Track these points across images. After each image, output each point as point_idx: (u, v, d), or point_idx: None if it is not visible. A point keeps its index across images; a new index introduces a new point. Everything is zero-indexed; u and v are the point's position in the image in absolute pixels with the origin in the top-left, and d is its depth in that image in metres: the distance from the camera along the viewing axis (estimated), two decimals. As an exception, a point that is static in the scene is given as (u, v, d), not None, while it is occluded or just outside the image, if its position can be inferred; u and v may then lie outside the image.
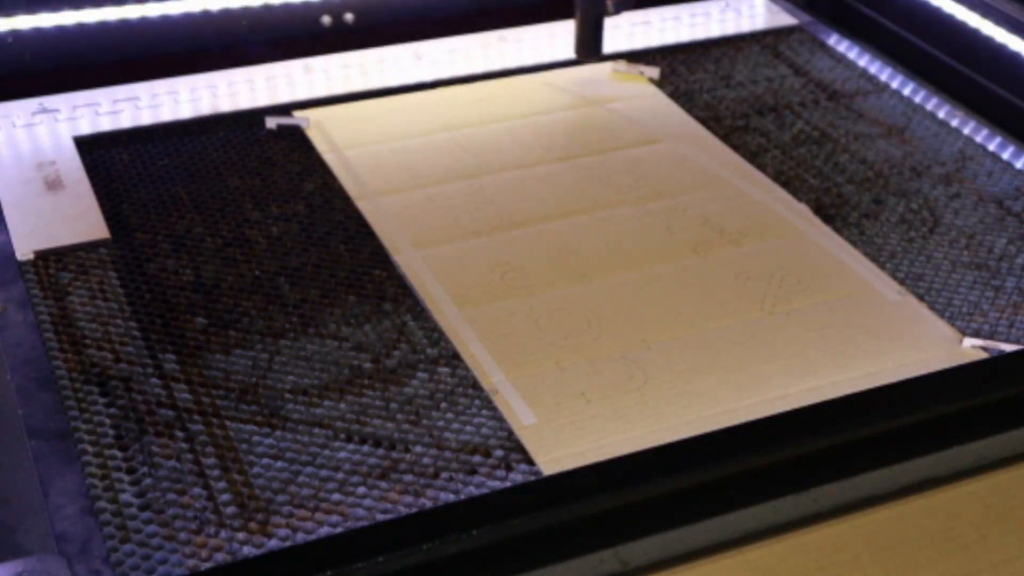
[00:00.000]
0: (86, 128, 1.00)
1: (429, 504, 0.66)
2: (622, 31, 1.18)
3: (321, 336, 0.78)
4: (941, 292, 0.84)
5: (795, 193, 0.94)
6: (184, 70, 1.07)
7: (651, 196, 0.94)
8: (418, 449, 0.69)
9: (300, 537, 0.64)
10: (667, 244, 0.88)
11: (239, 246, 0.87)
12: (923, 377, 0.66)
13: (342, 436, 0.70)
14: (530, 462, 0.69)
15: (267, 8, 1.11)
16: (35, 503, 0.65)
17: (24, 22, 1.04)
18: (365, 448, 0.69)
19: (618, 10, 1.04)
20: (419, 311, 0.81)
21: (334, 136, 1.00)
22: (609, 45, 1.16)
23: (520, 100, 1.07)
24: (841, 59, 1.14)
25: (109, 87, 1.04)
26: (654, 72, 1.10)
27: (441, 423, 0.71)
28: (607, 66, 1.11)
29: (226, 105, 1.04)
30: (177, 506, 0.65)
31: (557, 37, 1.17)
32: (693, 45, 1.17)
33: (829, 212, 0.92)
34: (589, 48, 1.06)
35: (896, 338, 0.79)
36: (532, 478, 0.67)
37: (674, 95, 1.08)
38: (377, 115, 1.04)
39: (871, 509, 0.62)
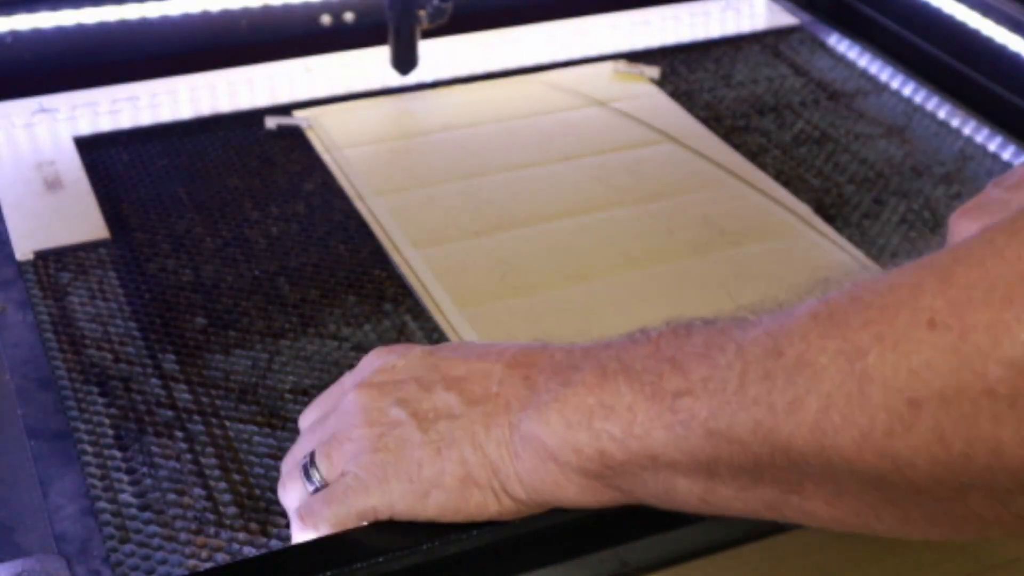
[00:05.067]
0: (86, 128, 1.00)
1: (429, 504, 0.66)
2: (622, 31, 1.18)
3: (321, 336, 0.78)
4: (941, 292, 0.84)
5: (796, 193, 0.94)
6: (184, 70, 1.07)
7: (651, 196, 0.94)
8: (418, 449, 0.69)
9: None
10: (667, 244, 0.88)
11: (239, 246, 0.87)
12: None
13: (342, 436, 0.70)
14: (530, 462, 0.68)
15: (267, 8, 1.11)
16: (35, 503, 0.65)
17: (24, 22, 1.04)
18: (365, 448, 0.69)
19: (433, 21, 1.03)
20: (419, 311, 0.81)
21: (334, 136, 1.00)
22: (609, 45, 1.16)
23: (520, 100, 1.07)
24: (841, 59, 1.14)
25: (109, 87, 1.04)
26: (654, 72, 1.10)
27: (441, 423, 0.71)
28: (607, 66, 1.11)
29: (226, 105, 1.04)
30: (177, 506, 0.65)
31: (557, 37, 1.17)
32: (693, 45, 1.17)
33: (830, 212, 0.92)
34: (405, 62, 1.05)
35: (896, 338, 0.79)
36: (532, 478, 0.67)
37: (674, 95, 1.08)
38: (377, 115, 1.04)
39: (871, 509, 0.62)
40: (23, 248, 0.85)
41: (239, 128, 1.01)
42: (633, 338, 0.52)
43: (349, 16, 1.13)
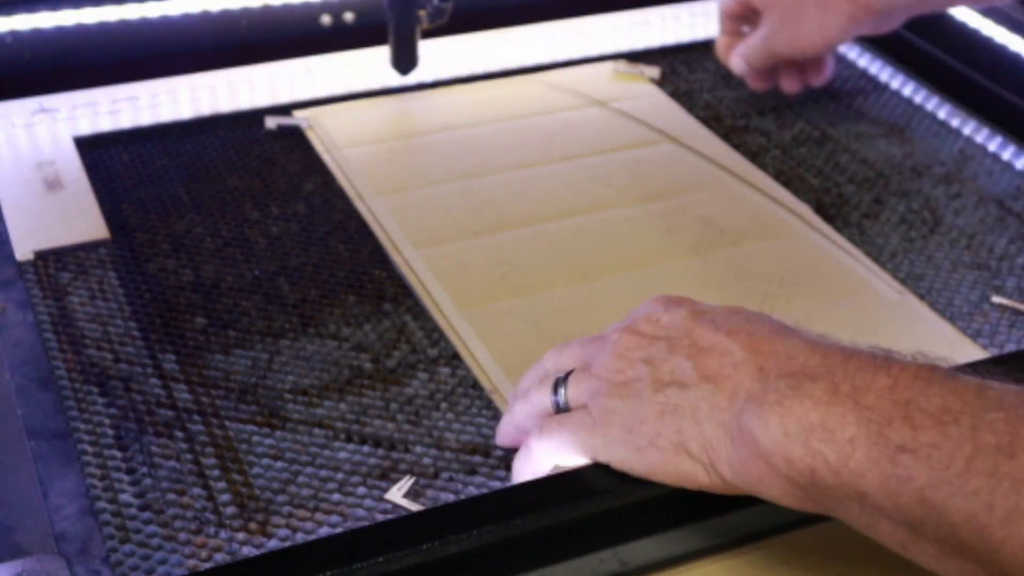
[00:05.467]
0: (86, 128, 1.00)
1: (429, 504, 0.66)
2: (622, 31, 1.18)
3: (321, 336, 0.78)
4: (942, 292, 0.84)
5: (796, 193, 0.94)
6: (184, 70, 1.07)
7: (651, 196, 0.94)
8: (418, 449, 0.69)
9: (300, 537, 0.64)
10: (667, 244, 0.88)
11: (239, 246, 0.87)
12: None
13: (342, 436, 0.70)
14: (530, 462, 0.69)
15: (267, 8, 1.11)
16: (35, 503, 0.65)
17: (24, 22, 1.04)
18: (365, 448, 0.69)
19: (433, 21, 1.03)
20: (419, 311, 0.81)
21: (334, 136, 1.00)
22: (609, 45, 1.16)
23: (520, 100, 1.07)
24: (841, 59, 1.14)
25: (109, 87, 1.04)
26: (654, 72, 1.10)
27: (441, 423, 0.71)
28: (607, 66, 1.11)
29: (226, 105, 1.04)
30: (177, 506, 0.65)
31: (557, 37, 1.17)
32: (693, 45, 1.17)
33: (830, 212, 0.92)
34: (405, 62, 1.05)
35: (896, 338, 0.79)
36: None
37: (674, 95, 1.08)
38: (377, 115, 1.04)
39: (871, 509, 0.62)
40: (23, 248, 0.85)
41: (239, 128, 1.01)
42: (875, 360, 0.52)
43: (349, 16, 1.13)
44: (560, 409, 0.62)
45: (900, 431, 0.48)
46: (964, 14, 1.08)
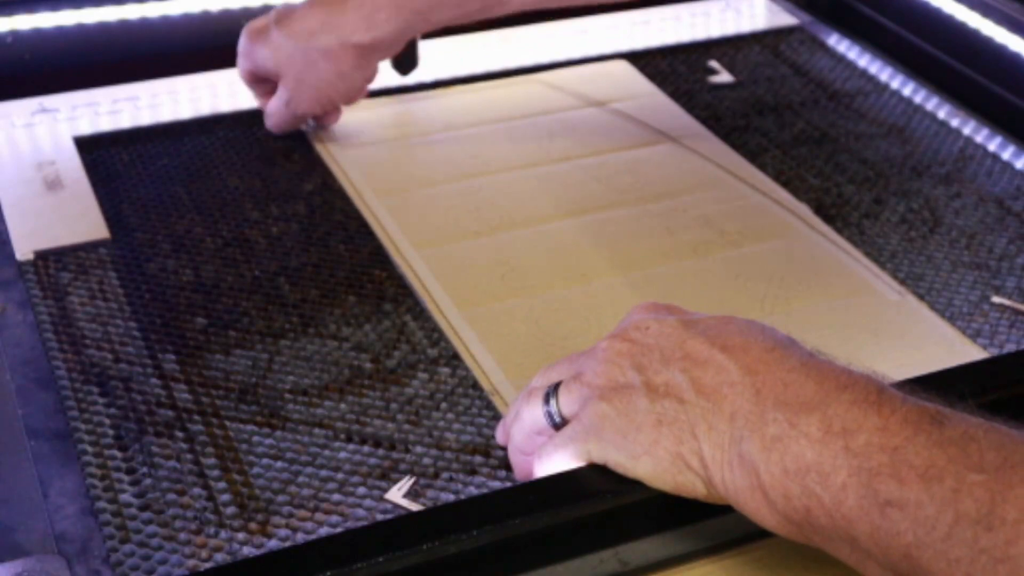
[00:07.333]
0: (86, 128, 1.00)
1: (429, 504, 0.66)
2: (622, 31, 1.18)
3: (321, 336, 0.78)
4: (941, 292, 0.84)
5: (795, 193, 0.94)
6: (184, 70, 1.07)
7: (651, 196, 0.94)
8: (418, 449, 0.69)
9: (300, 537, 0.64)
10: (667, 244, 0.88)
11: (239, 246, 0.87)
12: (923, 377, 0.66)
13: (342, 436, 0.70)
14: (530, 462, 0.69)
15: (267, 8, 1.11)
16: (35, 503, 0.65)
17: (24, 22, 1.04)
18: (365, 448, 0.69)
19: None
20: (419, 311, 0.81)
21: (334, 136, 1.00)
22: (609, 45, 1.16)
23: (520, 100, 1.07)
24: (841, 59, 1.14)
25: (109, 87, 1.04)
26: None
27: (441, 423, 0.71)
28: (609, 65, 1.11)
29: (226, 105, 1.04)
30: (177, 506, 0.65)
31: (557, 37, 1.17)
32: (693, 45, 1.17)
33: (829, 212, 0.92)
34: (405, 63, 1.04)
35: (896, 338, 0.79)
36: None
37: (674, 95, 1.08)
38: (377, 115, 1.04)
39: (871, 509, 0.62)
40: (23, 248, 0.85)
41: (239, 128, 1.01)
42: (868, 395, 0.52)
43: (349, 16, 1.13)
44: (554, 420, 0.61)
45: (888, 484, 0.48)
46: (964, 14, 1.08)
